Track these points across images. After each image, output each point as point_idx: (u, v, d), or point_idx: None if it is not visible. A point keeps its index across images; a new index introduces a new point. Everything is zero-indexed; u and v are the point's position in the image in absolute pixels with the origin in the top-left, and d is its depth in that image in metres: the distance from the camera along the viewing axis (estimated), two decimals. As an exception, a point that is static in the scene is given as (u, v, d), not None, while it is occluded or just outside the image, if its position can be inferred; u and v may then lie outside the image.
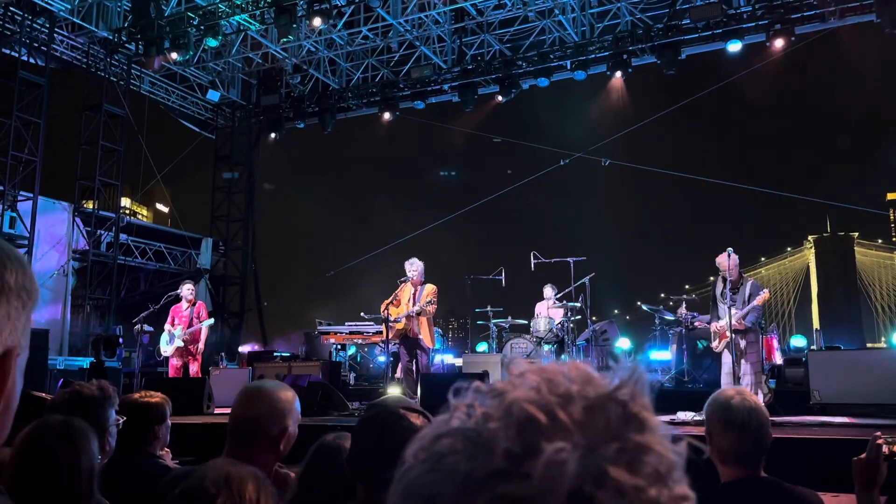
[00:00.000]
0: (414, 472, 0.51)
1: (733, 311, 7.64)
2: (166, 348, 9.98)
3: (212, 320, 10.37)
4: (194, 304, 10.10)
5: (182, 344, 9.88)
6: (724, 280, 7.85)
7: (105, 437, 2.70)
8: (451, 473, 0.49)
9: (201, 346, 10.06)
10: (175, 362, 9.96)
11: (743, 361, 7.68)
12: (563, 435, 0.48)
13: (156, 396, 3.20)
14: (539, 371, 0.54)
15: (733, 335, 7.62)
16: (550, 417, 0.49)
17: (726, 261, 7.84)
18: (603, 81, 15.01)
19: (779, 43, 13.20)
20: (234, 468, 1.49)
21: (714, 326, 8.03)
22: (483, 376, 8.35)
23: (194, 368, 9.99)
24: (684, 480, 0.50)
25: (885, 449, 2.27)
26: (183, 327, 9.88)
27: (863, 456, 2.30)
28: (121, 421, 2.83)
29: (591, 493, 0.46)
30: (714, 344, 8.10)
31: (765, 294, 7.83)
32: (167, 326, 10.02)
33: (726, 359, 7.83)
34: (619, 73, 14.25)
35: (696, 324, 10.46)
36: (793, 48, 13.38)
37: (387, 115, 16.43)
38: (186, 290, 10.08)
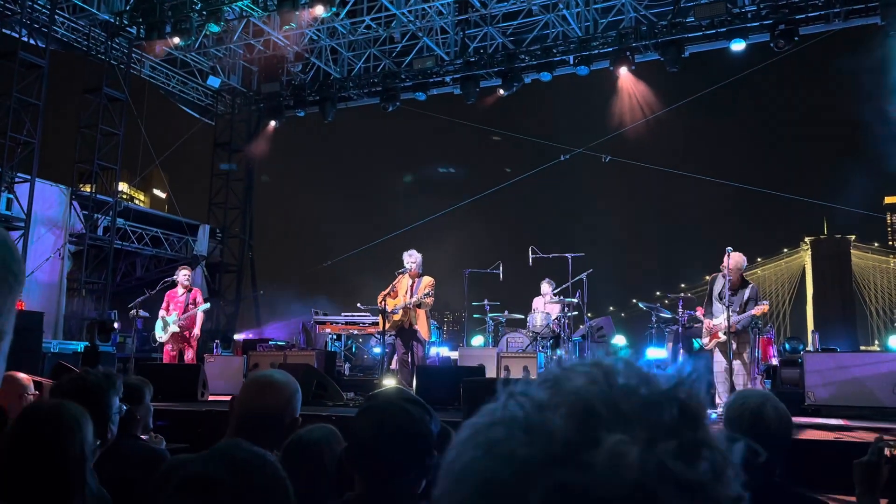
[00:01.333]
0: (466, 457, 0.51)
1: (731, 311, 7.59)
2: (161, 334, 9.94)
3: (208, 304, 10.33)
4: (190, 290, 10.06)
5: (178, 330, 9.84)
6: (725, 279, 7.80)
7: (107, 424, 2.68)
8: (508, 459, 0.49)
9: (197, 331, 10.02)
10: (170, 349, 9.93)
11: (735, 364, 7.65)
12: (623, 427, 0.48)
13: (134, 379, 3.20)
14: (595, 365, 0.54)
15: (726, 336, 7.56)
16: (611, 409, 0.49)
17: (726, 259, 7.78)
18: (606, 77, 14.97)
19: (781, 43, 13.16)
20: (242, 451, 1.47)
21: (707, 324, 7.96)
22: (480, 370, 8.34)
23: (189, 355, 9.96)
24: (739, 479, 0.50)
25: (887, 451, 2.26)
26: (178, 313, 9.84)
27: (864, 458, 2.28)
28: (124, 408, 2.80)
29: (653, 487, 0.46)
30: (704, 341, 8.05)
31: (764, 306, 7.72)
32: (162, 312, 9.98)
33: (717, 357, 7.80)
34: (623, 69, 14.20)
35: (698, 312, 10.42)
36: (796, 49, 13.34)
37: (388, 106, 16.37)
38: (182, 275, 10.04)
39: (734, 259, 7.76)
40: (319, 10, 12.87)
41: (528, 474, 0.48)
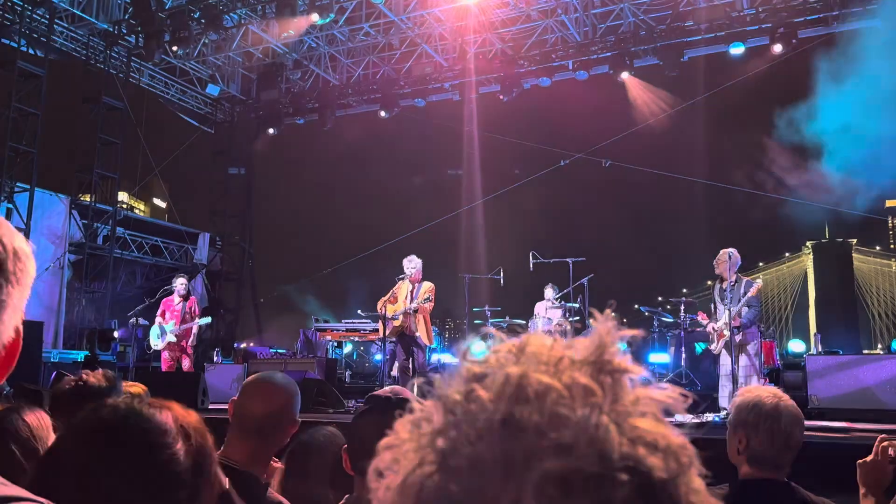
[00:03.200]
0: (420, 480, 0.47)
1: (731, 309, 7.65)
2: (156, 342, 9.91)
3: (209, 319, 10.32)
4: (187, 299, 10.03)
5: (174, 339, 9.81)
6: (721, 281, 7.90)
7: None
8: (477, 469, 0.45)
9: (193, 341, 9.99)
10: (167, 357, 9.89)
11: (742, 361, 7.68)
12: (583, 401, 0.47)
13: (135, 386, 3.19)
14: (521, 344, 0.52)
15: (730, 333, 7.63)
16: (564, 385, 0.47)
17: (724, 262, 7.91)
18: (605, 81, 14.96)
19: (778, 47, 13.17)
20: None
21: (711, 327, 8.07)
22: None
23: (186, 364, 9.92)
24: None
25: (890, 451, 2.24)
26: (175, 322, 9.81)
27: (868, 459, 2.26)
28: None
29: (631, 448, 0.45)
30: (713, 346, 8.13)
31: (758, 284, 7.85)
32: (158, 319, 9.94)
33: (724, 360, 7.84)
34: (625, 74, 14.21)
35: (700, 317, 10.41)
36: (795, 52, 13.35)
37: (387, 113, 16.38)
38: (179, 284, 10.00)
39: (729, 259, 7.88)
40: (314, 18, 12.89)
41: (509, 476, 0.44)
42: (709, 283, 9.00)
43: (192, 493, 1.17)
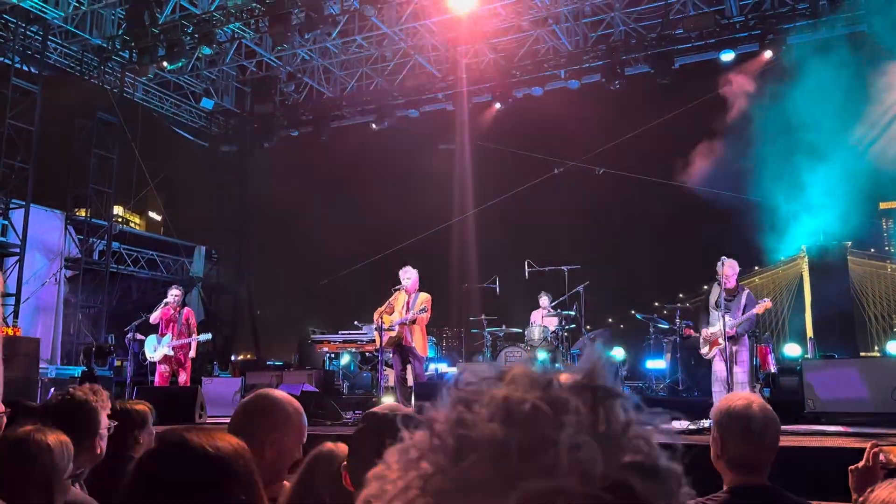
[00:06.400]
0: None
1: (728, 318, 7.65)
2: (151, 354, 9.88)
3: (209, 335, 10.29)
4: (182, 310, 9.98)
5: (171, 353, 9.78)
6: (721, 287, 7.88)
7: (95, 440, 2.71)
8: (461, 490, 0.46)
9: (192, 354, 9.96)
10: (163, 370, 9.85)
11: (735, 369, 7.69)
12: (568, 422, 0.47)
13: (139, 404, 3.27)
14: (509, 368, 0.53)
15: (725, 342, 7.63)
16: (551, 407, 0.48)
17: (720, 268, 7.90)
18: (597, 89, 15.01)
19: (768, 53, 13.27)
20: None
21: (705, 333, 8.02)
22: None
23: (183, 378, 9.86)
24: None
25: (881, 457, 2.27)
26: (173, 335, 9.78)
27: (860, 464, 2.29)
28: (112, 426, 2.83)
29: (617, 470, 0.46)
30: (704, 350, 8.09)
31: (766, 303, 7.80)
32: (160, 325, 9.85)
33: (717, 366, 7.84)
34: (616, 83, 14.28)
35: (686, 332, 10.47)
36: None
37: (381, 124, 16.43)
38: (173, 295, 9.94)
39: (729, 266, 7.87)
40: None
41: (493, 496, 0.45)
42: (704, 287, 8.99)
43: None
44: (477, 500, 0.46)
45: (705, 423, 7.41)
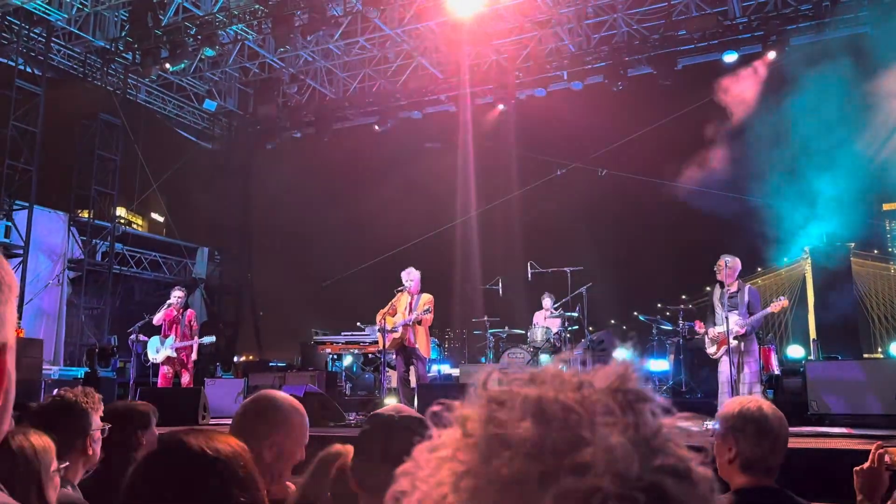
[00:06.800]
0: (435, 501, 0.48)
1: (732, 316, 7.63)
2: (154, 355, 9.89)
3: (213, 338, 10.31)
4: (184, 311, 10.00)
5: (174, 354, 9.79)
6: (722, 286, 7.88)
7: (87, 442, 2.71)
8: (493, 488, 0.46)
9: (194, 356, 9.97)
10: (166, 371, 9.86)
11: (745, 370, 7.66)
12: (602, 422, 0.48)
13: (140, 404, 3.28)
14: (541, 369, 0.53)
15: (729, 342, 7.61)
16: (585, 408, 0.49)
17: (720, 266, 7.91)
18: (600, 91, 15.00)
19: (771, 54, 13.24)
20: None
21: (712, 333, 7.99)
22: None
23: (186, 379, 9.88)
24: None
25: (886, 458, 2.26)
26: (176, 337, 9.79)
27: (864, 466, 2.28)
28: (106, 428, 2.83)
29: (652, 472, 0.46)
30: (711, 350, 8.06)
31: (783, 301, 7.78)
32: (163, 326, 9.85)
33: (724, 367, 7.80)
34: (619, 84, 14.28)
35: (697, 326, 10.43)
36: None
37: (384, 126, 16.44)
38: (175, 296, 9.95)
39: (729, 264, 7.86)
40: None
41: (525, 494, 0.45)
42: (707, 288, 9.00)
43: None
44: (510, 498, 0.46)
45: (709, 424, 7.39)
